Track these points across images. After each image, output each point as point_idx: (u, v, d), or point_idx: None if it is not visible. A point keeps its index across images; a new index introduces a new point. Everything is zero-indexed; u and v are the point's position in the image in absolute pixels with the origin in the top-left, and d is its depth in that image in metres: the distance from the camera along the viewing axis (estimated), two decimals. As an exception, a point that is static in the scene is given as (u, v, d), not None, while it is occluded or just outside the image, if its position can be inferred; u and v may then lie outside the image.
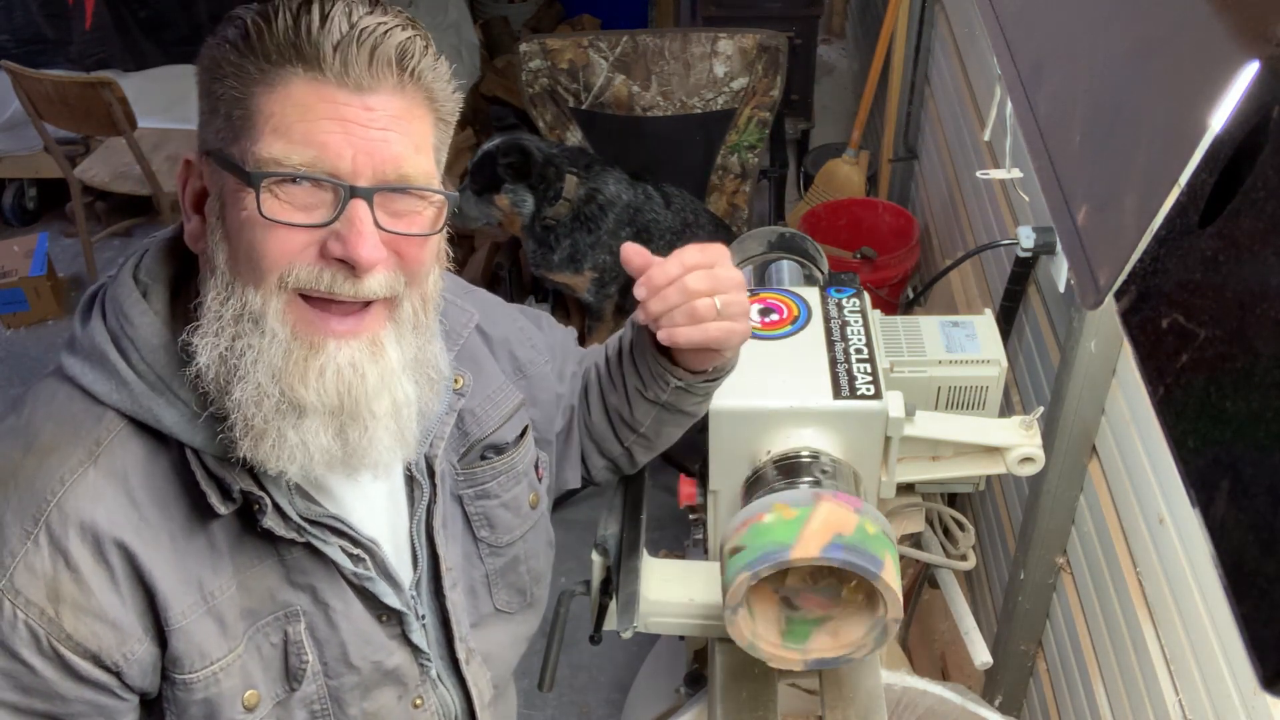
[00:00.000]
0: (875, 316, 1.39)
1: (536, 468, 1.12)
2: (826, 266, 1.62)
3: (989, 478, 1.45)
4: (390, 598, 0.96)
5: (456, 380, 1.02)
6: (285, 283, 0.81)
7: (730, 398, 1.20)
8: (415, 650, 1.01)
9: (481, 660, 1.09)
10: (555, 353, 1.18)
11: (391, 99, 0.81)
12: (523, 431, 1.09)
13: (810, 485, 1.14)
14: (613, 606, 1.26)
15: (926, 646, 2.14)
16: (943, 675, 2.05)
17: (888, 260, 2.84)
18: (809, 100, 3.93)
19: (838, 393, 1.22)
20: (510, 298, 2.38)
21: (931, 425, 1.30)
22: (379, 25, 0.80)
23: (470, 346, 1.06)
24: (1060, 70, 0.84)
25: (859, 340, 1.30)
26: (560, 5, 4.84)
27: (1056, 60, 0.86)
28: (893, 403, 1.22)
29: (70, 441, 0.83)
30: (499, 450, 1.06)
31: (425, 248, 0.86)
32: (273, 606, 0.91)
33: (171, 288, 0.88)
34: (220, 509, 0.84)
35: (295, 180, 0.79)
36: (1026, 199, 1.87)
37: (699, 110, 2.95)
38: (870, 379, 1.24)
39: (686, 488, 1.34)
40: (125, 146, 3.37)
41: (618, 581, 1.24)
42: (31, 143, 3.74)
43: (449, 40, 4.13)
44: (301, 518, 0.88)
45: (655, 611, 1.28)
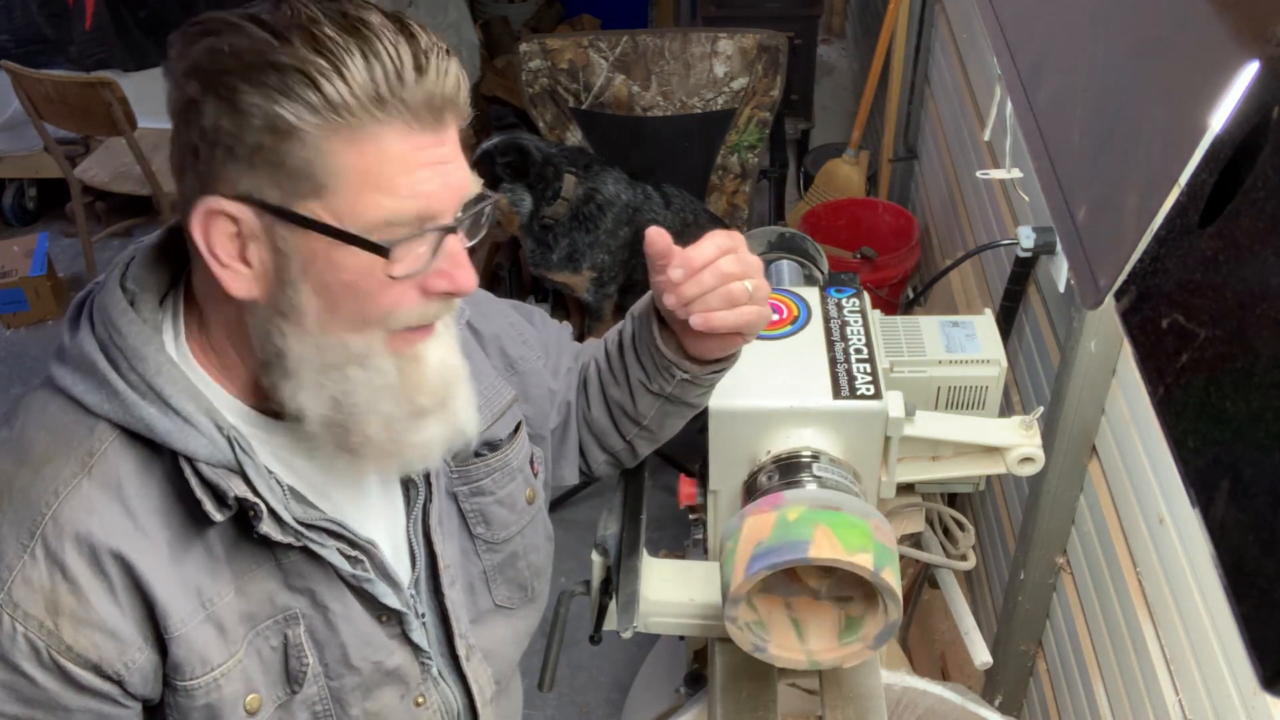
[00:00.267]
0: (875, 316, 1.39)
1: (532, 463, 1.12)
2: (826, 266, 1.62)
3: (989, 478, 1.45)
4: (389, 598, 0.95)
5: None
6: (389, 326, 0.84)
7: (730, 398, 1.21)
8: (416, 649, 1.01)
9: (482, 656, 1.09)
10: (549, 349, 1.18)
11: (453, 127, 0.83)
12: (516, 428, 1.09)
13: (810, 486, 1.14)
14: (613, 606, 1.26)
15: (926, 646, 2.14)
16: (943, 675, 2.05)
17: (888, 260, 2.84)
18: (809, 100, 3.93)
19: (838, 393, 1.22)
20: (510, 297, 2.37)
21: (931, 425, 1.30)
22: (439, 63, 0.80)
23: (461, 342, 1.06)
24: (1060, 70, 0.84)
25: (859, 340, 1.30)
26: (560, 5, 4.84)
27: (1056, 60, 0.85)
28: (893, 403, 1.22)
29: (63, 453, 0.83)
30: (492, 447, 1.06)
31: None
32: (271, 610, 0.91)
33: (160, 294, 0.88)
34: (216, 516, 0.84)
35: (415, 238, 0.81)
36: (1026, 199, 1.87)
37: (699, 110, 2.95)
38: (870, 379, 1.24)
39: (686, 488, 1.34)
40: (125, 146, 3.37)
41: (618, 581, 1.24)
42: (31, 143, 3.73)
43: (449, 40, 4.09)
44: (298, 522, 0.88)
45: (655, 611, 1.27)
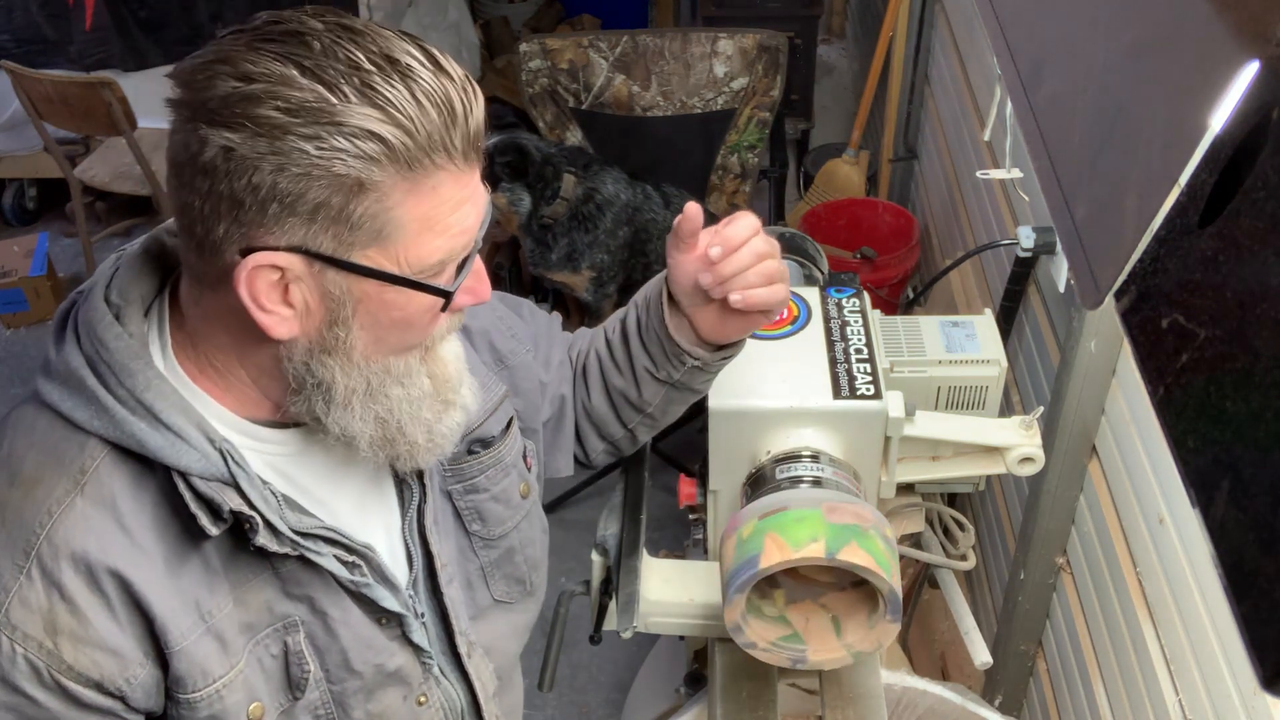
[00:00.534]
0: (875, 316, 1.39)
1: (525, 457, 1.11)
2: (826, 266, 1.62)
3: (989, 478, 1.44)
4: (388, 601, 0.95)
5: None
6: (427, 346, 0.88)
7: (730, 398, 1.21)
8: (417, 649, 1.01)
9: (483, 652, 1.09)
10: (538, 341, 1.17)
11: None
12: (508, 424, 1.09)
13: (810, 486, 1.14)
14: (613, 606, 1.26)
15: (926, 646, 2.14)
16: (943, 675, 2.05)
17: (888, 260, 2.84)
18: (809, 100, 3.93)
19: (838, 393, 1.22)
20: (510, 298, 2.36)
21: (931, 425, 1.29)
22: (473, 99, 0.80)
23: None
24: (1060, 70, 0.84)
25: (859, 340, 1.30)
26: (560, 5, 4.84)
27: (1056, 60, 0.85)
28: (893, 403, 1.22)
29: (54, 472, 0.82)
30: (485, 444, 1.05)
31: None
32: (271, 619, 0.90)
33: (145, 305, 0.87)
34: (211, 531, 0.83)
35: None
36: (1026, 199, 1.87)
37: (699, 110, 2.95)
38: (870, 379, 1.24)
39: (686, 488, 1.34)
40: (125, 146, 3.37)
41: (618, 581, 1.24)
42: (31, 143, 3.73)
43: (449, 40, 4.13)
44: (294, 531, 0.87)
45: (655, 611, 1.27)
